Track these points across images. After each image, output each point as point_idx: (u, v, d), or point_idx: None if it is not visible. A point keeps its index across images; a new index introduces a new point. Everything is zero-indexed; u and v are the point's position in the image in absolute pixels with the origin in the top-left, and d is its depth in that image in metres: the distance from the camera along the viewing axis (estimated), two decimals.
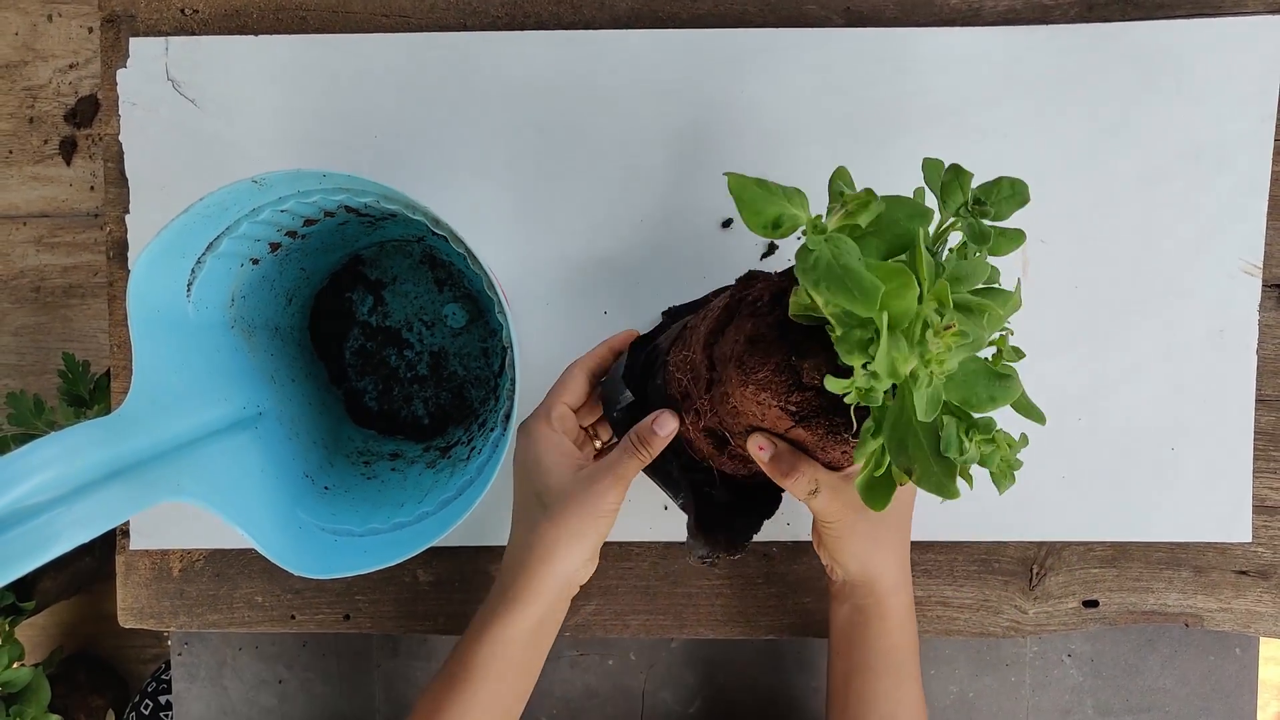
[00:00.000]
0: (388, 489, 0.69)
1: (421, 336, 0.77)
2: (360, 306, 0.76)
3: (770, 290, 0.52)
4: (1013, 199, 0.49)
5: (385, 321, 0.76)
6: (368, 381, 0.77)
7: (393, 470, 0.71)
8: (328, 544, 0.61)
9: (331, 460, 0.71)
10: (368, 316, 0.76)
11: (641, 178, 0.73)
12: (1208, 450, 0.73)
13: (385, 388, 0.77)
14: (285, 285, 0.69)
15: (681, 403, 0.58)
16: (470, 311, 0.76)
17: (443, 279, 0.76)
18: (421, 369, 0.77)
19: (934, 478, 0.44)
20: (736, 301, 0.54)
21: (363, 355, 0.77)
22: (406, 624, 0.76)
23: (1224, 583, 0.74)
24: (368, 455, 0.73)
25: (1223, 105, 0.72)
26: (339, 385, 0.77)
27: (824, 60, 0.72)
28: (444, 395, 0.77)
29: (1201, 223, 0.73)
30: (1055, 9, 0.73)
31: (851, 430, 0.49)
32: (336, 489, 0.68)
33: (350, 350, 0.77)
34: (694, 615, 0.75)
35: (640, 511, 0.74)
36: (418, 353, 0.77)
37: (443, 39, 0.73)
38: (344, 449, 0.73)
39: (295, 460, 0.66)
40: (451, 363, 0.77)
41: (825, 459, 0.54)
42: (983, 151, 0.72)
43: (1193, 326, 0.73)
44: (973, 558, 0.74)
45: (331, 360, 0.77)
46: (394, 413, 0.77)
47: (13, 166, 1.55)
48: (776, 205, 0.46)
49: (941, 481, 0.44)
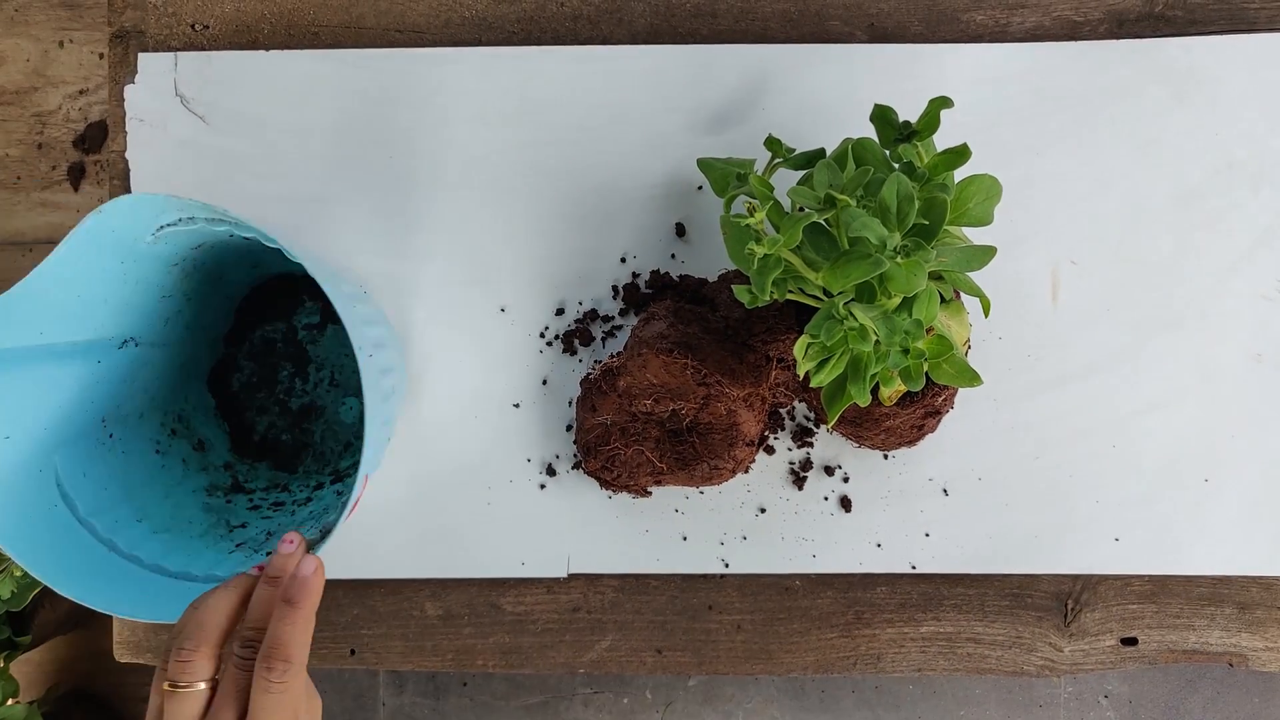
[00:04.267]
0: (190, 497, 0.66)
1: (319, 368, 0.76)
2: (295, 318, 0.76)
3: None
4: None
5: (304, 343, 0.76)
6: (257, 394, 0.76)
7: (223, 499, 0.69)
8: (84, 544, 0.57)
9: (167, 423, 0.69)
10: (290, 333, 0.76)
11: (660, 193, 0.71)
12: (1249, 479, 0.70)
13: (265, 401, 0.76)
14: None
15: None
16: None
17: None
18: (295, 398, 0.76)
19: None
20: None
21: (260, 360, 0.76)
22: (414, 660, 0.73)
23: (1270, 620, 0.71)
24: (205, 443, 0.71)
25: (1257, 122, 0.70)
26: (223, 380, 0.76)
27: (847, 76, 0.71)
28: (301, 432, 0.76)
29: (1236, 242, 0.71)
30: (1085, 25, 0.71)
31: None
32: (135, 464, 0.64)
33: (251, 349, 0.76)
34: (713, 651, 0.72)
35: (657, 543, 0.71)
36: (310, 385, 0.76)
37: (458, 54, 0.72)
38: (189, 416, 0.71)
39: (125, 400, 0.62)
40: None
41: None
42: (1011, 170, 0.70)
43: (1230, 350, 0.71)
44: (1004, 592, 0.71)
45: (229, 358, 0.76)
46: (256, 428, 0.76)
47: (20, 192, 1.54)
48: (732, 168, 0.61)
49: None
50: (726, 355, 0.64)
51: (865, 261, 0.50)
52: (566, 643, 0.72)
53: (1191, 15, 0.71)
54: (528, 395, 0.71)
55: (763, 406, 0.66)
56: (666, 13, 0.72)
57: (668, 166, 0.72)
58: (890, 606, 0.71)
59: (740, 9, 0.72)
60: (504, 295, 0.72)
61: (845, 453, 0.71)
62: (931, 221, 0.52)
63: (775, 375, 0.65)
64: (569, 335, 0.72)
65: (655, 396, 0.63)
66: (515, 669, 0.73)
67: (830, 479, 0.71)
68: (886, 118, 0.59)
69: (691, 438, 0.64)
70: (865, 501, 0.71)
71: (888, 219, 0.51)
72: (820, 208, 0.53)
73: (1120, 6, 0.71)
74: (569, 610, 0.72)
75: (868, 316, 0.51)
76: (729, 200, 0.61)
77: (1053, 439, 0.70)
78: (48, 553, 0.54)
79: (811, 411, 0.71)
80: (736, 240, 0.57)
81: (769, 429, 0.70)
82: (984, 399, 0.71)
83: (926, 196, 0.52)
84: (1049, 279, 0.71)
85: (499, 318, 0.72)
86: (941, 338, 0.54)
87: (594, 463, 0.65)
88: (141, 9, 0.73)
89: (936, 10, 0.72)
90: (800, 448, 0.71)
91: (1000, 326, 0.71)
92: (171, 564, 0.59)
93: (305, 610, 0.47)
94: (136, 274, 0.58)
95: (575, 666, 0.73)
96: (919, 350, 0.52)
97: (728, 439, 0.64)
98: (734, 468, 0.66)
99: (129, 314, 0.60)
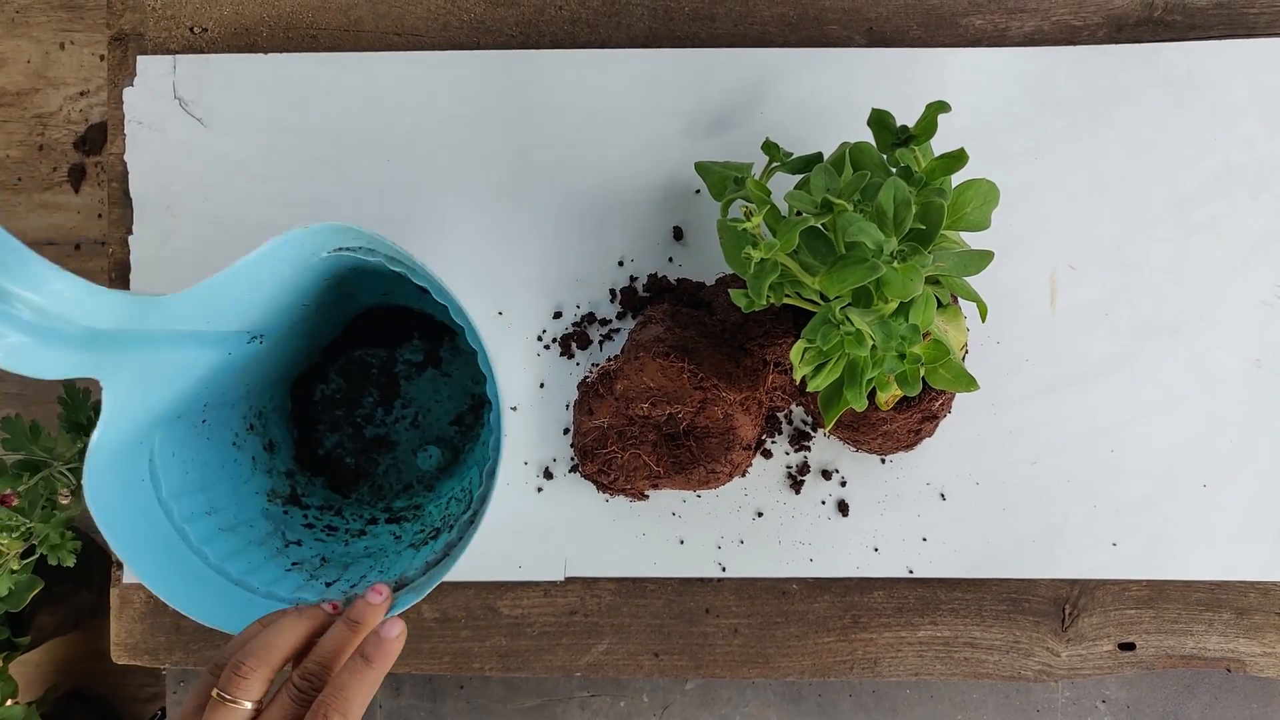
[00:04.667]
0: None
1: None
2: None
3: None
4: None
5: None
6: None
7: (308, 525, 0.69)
8: (160, 525, 0.57)
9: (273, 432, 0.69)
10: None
11: (658, 197, 0.71)
12: (1246, 484, 0.70)
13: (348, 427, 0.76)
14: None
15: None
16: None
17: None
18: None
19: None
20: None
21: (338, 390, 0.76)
22: (411, 662, 0.73)
23: (1267, 625, 0.71)
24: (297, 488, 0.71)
25: (1256, 128, 0.70)
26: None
27: (846, 80, 0.71)
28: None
29: (1235, 248, 0.70)
30: (1084, 30, 0.71)
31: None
32: (216, 452, 0.64)
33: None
34: (709, 655, 0.72)
35: (655, 547, 0.71)
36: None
37: (456, 58, 0.72)
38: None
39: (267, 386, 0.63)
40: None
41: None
42: (1011, 174, 0.70)
43: (1228, 356, 0.70)
44: (1002, 596, 0.71)
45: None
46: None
47: (21, 194, 1.54)
48: (729, 171, 0.62)
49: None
50: (723, 359, 0.64)
51: (862, 266, 0.50)
52: (563, 646, 0.72)
53: (1191, 20, 0.71)
54: (525, 398, 0.71)
55: (760, 410, 0.66)
56: (665, 16, 0.72)
57: (666, 170, 0.71)
58: (887, 611, 0.71)
59: (739, 13, 0.72)
60: (502, 298, 0.72)
61: (843, 457, 0.71)
62: (928, 226, 0.52)
63: (772, 379, 0.65)
64: (566, 338, 0.71)
65: (652, 400, 0.63)
66: (512, 672, 0.73)
67: (828, 483, 0.71)
68: (884, 122, 0.59)
69: (688, 441, 0.64)
70: (862, 505, 0.71)
71: (884, 224, 0.51)
72: (817, 212, 0.53)
73: (1119, 11, 0.71)
74: (566, 613, 0.72)
75: (864, 321, 0.51)
76: (726, 204, 0.61)
77: (1050, 444, 0.70)
78: (125, 523, 0.54)
79: (809, 415, 0.71)
80: (733, 245, 0.57)
81: (766, 432, 0.70)
82: (982, 403, 0.70)
83: (923, 201, 0.52)
84: (1047, 284, 0.71)
85: (497, 321, 0.72)
86: (938, 343, 0.54)
87: (591, 466, 0.65)
88: (140, 12, 0.73)
89: (935, 14, 0.72)
90: (797, 451, 0.71)
91: (998, 331, 0.71)
92: (234, 568, 0.59)
93: (378, 671, 0.47)
94: (295, 282, 0.59)
95: (572, 670, 0.73)
96: (915, 355, 0.52)
97: (724, 443, 0.64)
98: (731, 471, 0.65)
99: (271, 315, 0.61)
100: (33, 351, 0.42)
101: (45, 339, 0.42)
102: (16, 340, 0.41)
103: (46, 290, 0.41)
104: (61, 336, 0.43)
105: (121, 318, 0.46)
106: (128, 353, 0.49)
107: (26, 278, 0.40)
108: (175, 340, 0.53)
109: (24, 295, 0.40)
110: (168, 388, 0.56)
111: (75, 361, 0.45)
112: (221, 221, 0.72)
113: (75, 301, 0.43)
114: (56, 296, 0.41)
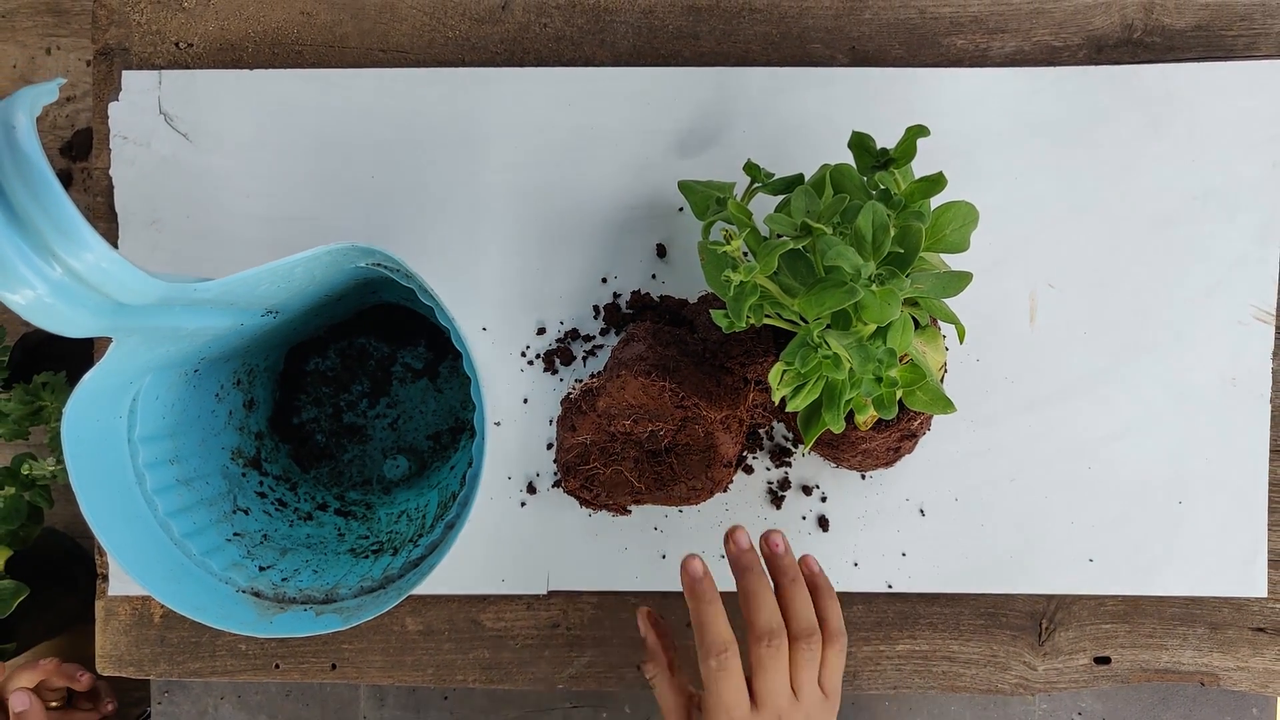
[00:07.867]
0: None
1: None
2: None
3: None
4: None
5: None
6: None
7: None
8: (123, 469, 0.57)
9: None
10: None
11: (642, 214, 0.72)
12: (1221, 501, 0.71)
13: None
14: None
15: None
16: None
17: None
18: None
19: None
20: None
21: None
22: (394, 674, 0.73)
23: (1240, 640, 0.71)
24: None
25: (1233, 150, 0.71)
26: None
27: (828, 100, 0.71)
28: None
29: (1212, 268, 0.71)
30: (1064, 51, 0.72)
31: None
32: (195, 401, 0.64)
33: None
34: (692, 669, 0.72)
35: (637, 561, 0.72)
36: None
37: (441, 75, 0.72)
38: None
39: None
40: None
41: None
42: (989, 194, 0.71)
43: (1205, 374, 0.71)
44: (980, 611, 0.72)
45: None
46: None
47: None
48: (712, 191, 0.63)
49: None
50: (704, 378, 0.65)
51: (840, 290, 0.50)
52: (546, 659, 0.72)
53: (1170, 42, 0.72)
54: (509, 413, 0.72)
55: (740, 428, 0.66)
56: (649, 35, 0.73)
57: (649, 187, 0.72)
58: (866, 625, 0.72)
59: (722, 31, 0.73)
60: (485, 314, 0.72)
61: (823, 473, 0.71)
62: (906, 250, 0.53)
63: (753, 397, 0.66)
64: (550, 354, 0.72)
65: (634, 417, 0.63)
66: (495, 684, 0.73)
67: (808, 499, 0.71)
68: (864, 145, 0.59)
69: (670, 458, 0.65)
70: (843, 521, 0.71)
71: (863, 247, 0.52)
72: (797, 235, 0.53)
73: (1099, 33, 0.72)
74: (549, 627, 0.72)
75: (842, 345, 0.52)
76: (707, 226, 0.61)
77: (1029, 461, 0.71)
78: (90, 458, 0.55)
79: (790, 432, 0.71)
80: (714, 266, 0.58)
81: (747, 449, 0.71)
82: (961, 421, 0.71)
83: (902, 225, 0.53)
84: (1027, 302, 0.72)
85: (481, 336, 0.72)
86: (915, 365, 0.55)
87: (573, 481, 0.66)
88: (126, 26, 0.73)
89: (917, 35, 0.72)
90: (778, 467, 0.71)
91: (978, 349, 0.71)
92: (178, 526, 0.59)
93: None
94: (326, 278, 0.59)
95: (555, 682, 0.73)
96: (892, 379, 0.53)
97: (705, 460, 0.64)
98: (712, 488, 0.66)
99: (294, 299, 0.61)
100: (59, 310, 0.42)
101: (72, 301, 0.43)
102: (47, 297, 0.41)
103: (87, 259, 0.41)
104: (89, 301, 0.44)
105: (151, 299, 0.47)
106: (147, 320, 0.50)
107: (74, 244, 0.40)
108: (194, 313, 0.53)
109: (66, 260, 0.41)
110: (173, 345, 0.56)
111: (96, 325, 0.45)
112: (207, 237, 0.72)
113: (112, 276, 0.43)
114: (95, 268, 0.41)
